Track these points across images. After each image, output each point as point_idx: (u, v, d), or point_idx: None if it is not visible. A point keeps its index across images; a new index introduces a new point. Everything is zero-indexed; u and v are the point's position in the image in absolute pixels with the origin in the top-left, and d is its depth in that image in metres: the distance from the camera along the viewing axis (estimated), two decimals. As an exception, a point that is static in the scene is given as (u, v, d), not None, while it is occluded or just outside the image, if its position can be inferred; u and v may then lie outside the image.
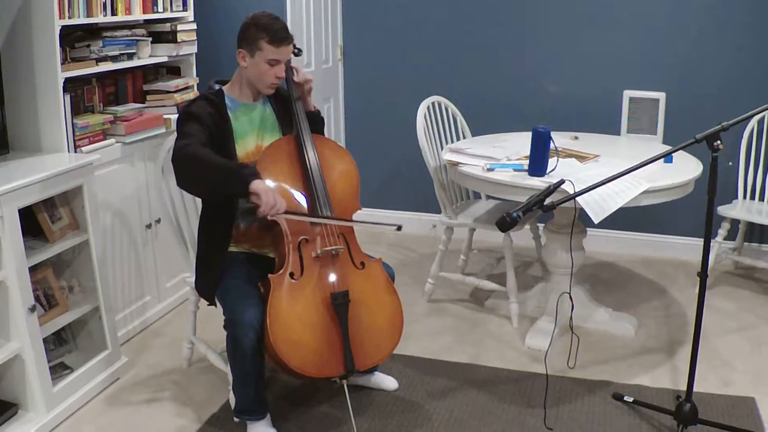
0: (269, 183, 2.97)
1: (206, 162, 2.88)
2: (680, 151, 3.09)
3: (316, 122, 3.36)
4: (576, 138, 4.46)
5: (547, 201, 2.89)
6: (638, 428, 3.25)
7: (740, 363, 3.85)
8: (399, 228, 3.16)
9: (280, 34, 3.07)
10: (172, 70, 4.47)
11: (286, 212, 2.92)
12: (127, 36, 3.93)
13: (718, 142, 2.80)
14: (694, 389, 3.06)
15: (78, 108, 3.76)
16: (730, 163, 4.88)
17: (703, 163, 3.87)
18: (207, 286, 3.20)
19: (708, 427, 3.14)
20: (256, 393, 3.08)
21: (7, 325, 3.10)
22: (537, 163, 3.63)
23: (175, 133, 3.10)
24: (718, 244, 4.72)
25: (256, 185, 2.82)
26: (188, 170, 2.92)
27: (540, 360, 3.79)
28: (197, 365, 3.80)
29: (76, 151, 3.59)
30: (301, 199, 3.10)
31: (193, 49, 4.38)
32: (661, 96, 5.06)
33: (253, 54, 3.09)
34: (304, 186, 3.12)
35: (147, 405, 3.47)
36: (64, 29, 3.46)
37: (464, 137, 4.78)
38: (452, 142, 4.65)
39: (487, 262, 5.04)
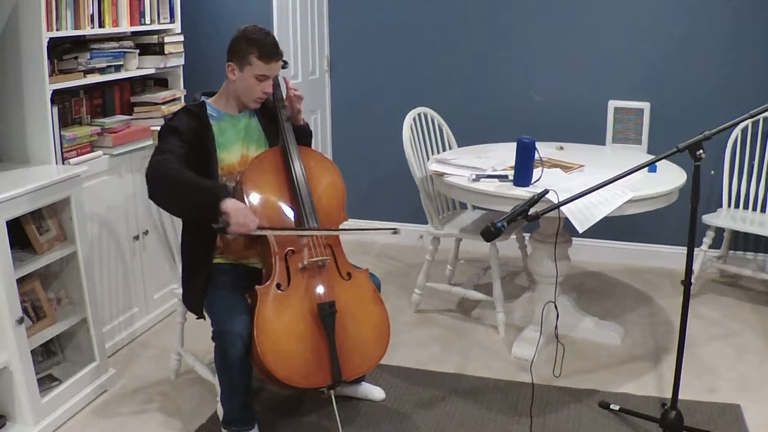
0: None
1: (178, 180, 2.91)
2: (664, 161, 3.12)
3: (304, 135, 3.37)
4: (561, 148, 4.49)
5: (532, 211, 2.91)
6: (624, 436, 3.27)
7: (725, 370, 3.88)
8: (395, 231, 3.17)
9: (270, 50, 3.09)
10: (160, 81, 4.48)
11: (261, 228, 2.94)
12: (114, 48, 3.94)
13: (701, 151, 2.82)
14: (680, 397, 3.08)
15: (66, 120, 3.77)
16: (713, 172, 4.93)
17: (686, 172, 3.90)
18: (194, 298, 3.21)
19: (693, 435, 3.17)
20: (244, 404, 3.08)
21: (-5, 337, 3.10)
22: (522, 174, 3.65)
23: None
24: (703, 252, 4.76)
25: (225, 205, 2.85)
26: (159, 187, 2.95)
27: (526, 369, 3.80)
28: (185, 377, 3.81)
29: (63, 163, 3.60)
30: (288, 211, 3.12)
31: (181, 61, 4.39)
32: (645, 106, 5.10)
33: (243, 68, 3.11)
34: (291, 198, 3.13)
35: (135, 417, 3.47)
36: (52, 41, 3.47)
37: (450, 148, 4.80)
38: (438, 152, 4.66)
39: (473, 272, 5.06)
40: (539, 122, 5.25)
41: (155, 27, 4.22)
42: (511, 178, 3.70)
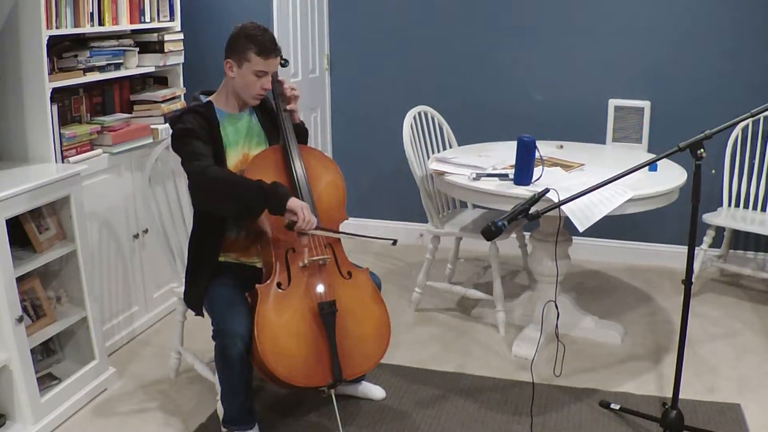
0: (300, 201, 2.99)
1: (236, 183, 2.93)
2: (665, 160, 3.11)
3: (301, 133, 3.37)
4: (561, 147, 4.49)
5: (532, 210, 2.91)
6: (624, 435, 3.27)
7: (726, 370, 3.87)
8: (394, 243, 3.17)
9: (268, 46, 3.09)
10: (159, 80, 4.48)
11: (317, 228, 2.98)
12: (114, 46, 3.93)
13: (701, 150, 2.82)
14: (680, 396, 3.08)
15: (65, 118, 3.76)
16: (713, 171, 4.93)
17: (687, 171, 3.90)
18: (195, 296, 3.20)
19: (694, 434, 3.17)
20: (244, 403, 3.08)
21: (-6, 336, 3.09)
22: (522, 172, 3.64)
23: (173, 150, 3.10)
24: (704, 251, 4.76)
25: (292, 203, 2.88)
26: (216, 192, 2.93)
27: (526, 368, 3.80)
28: (185, 375, 3.80)
29: (63, 162, 3.59)
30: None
31: (180, 59, 4.39)
32: (646, 105, 5.10)
33: (241, 65, 3.10)
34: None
35: (135, 415, 3.47)
36: (52, 39, 3.47)
37: (450, 147, 4.79)
38: (438, 151, 4.66)
39: (473, 270, 5.06)
40: (539, 121, 5.24)
41: (155, 25, 4.21)
42: (511, 176, 3.70)
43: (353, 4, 5.58)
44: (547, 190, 3.06)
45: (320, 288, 3.06)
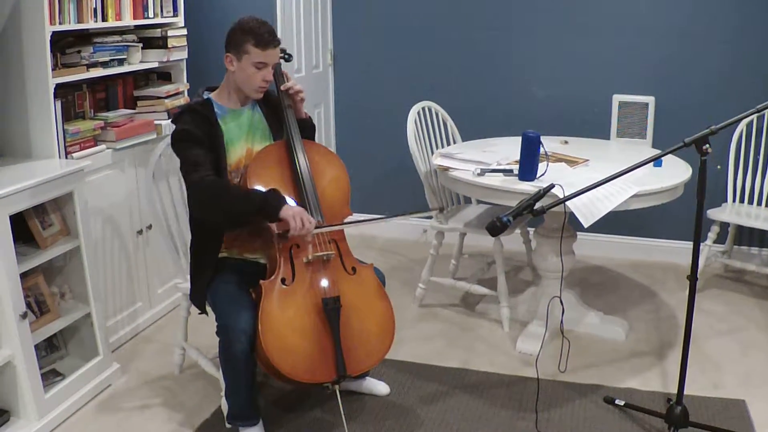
0: (294, 205, 2.99)
1: (231, 195, 2.97)
2: (669, 155, 3.10)
3: (307, 129, 3.36)
4: (566, 142, 4.48)
5: (537, 205, 2.90)
6: (629, 431, 3.26)
7: (730, 365, 3.87)
8: (441, 210, 3.15)
9: (266, 37, 3.08)
10: (163, 75, 4.47)
11: (319, 226, 2.99)
12: (117, 42, 3.93)
13: (707, 145, 2.81)
14: (685, 392, 3.07)
15: (69, 114, 3.76)
16: (719, 167, 4.92)
17: (692, 166, 3.89)
18: (198, 294, 3.20)
19: (699, 430, 3.15)
20: (248, 399, 3.08)
21: (-1, 331, 3.09)
22: (527, 168, 3.63)
23: (173, 150, 3.11)
24: (708, 247, 4.74)
25: (285, 212, 2.88)
26: (213, 204, 2.96)
27: (531, 364, 3.79)
28: (189, 371, 3.80)
29: (66, 157, 3.59)
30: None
31: (184, 54, 4.38)
32: (650, 100, 5.08)
33: (240, 58, 3.10)
34: (295, 192, 3.12)
35: (139, 411, 3.47)
36: (55, 35, 3.46)
37: (454, 142, 4.78)
38: (443, 147, 4.65)
39: (477, 266, 5.05)
40: (544, 116, 5.23)
41: (158, 21, 4.21)
42: (516, 172, 3.69)
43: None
44: (551, 186, 3.05)
45: (324, 284, 3.05)
